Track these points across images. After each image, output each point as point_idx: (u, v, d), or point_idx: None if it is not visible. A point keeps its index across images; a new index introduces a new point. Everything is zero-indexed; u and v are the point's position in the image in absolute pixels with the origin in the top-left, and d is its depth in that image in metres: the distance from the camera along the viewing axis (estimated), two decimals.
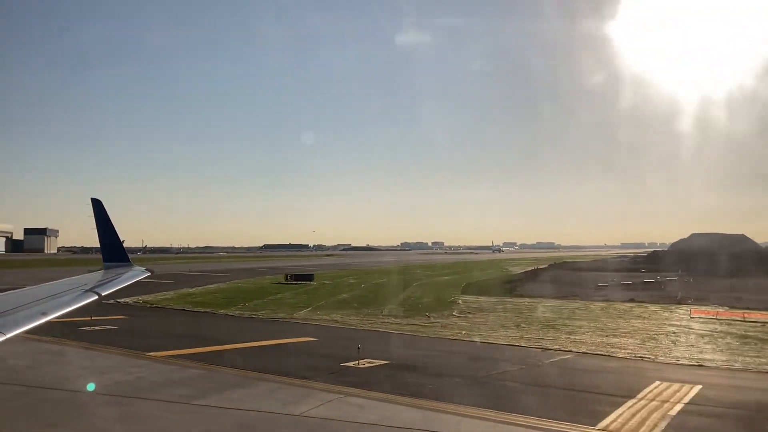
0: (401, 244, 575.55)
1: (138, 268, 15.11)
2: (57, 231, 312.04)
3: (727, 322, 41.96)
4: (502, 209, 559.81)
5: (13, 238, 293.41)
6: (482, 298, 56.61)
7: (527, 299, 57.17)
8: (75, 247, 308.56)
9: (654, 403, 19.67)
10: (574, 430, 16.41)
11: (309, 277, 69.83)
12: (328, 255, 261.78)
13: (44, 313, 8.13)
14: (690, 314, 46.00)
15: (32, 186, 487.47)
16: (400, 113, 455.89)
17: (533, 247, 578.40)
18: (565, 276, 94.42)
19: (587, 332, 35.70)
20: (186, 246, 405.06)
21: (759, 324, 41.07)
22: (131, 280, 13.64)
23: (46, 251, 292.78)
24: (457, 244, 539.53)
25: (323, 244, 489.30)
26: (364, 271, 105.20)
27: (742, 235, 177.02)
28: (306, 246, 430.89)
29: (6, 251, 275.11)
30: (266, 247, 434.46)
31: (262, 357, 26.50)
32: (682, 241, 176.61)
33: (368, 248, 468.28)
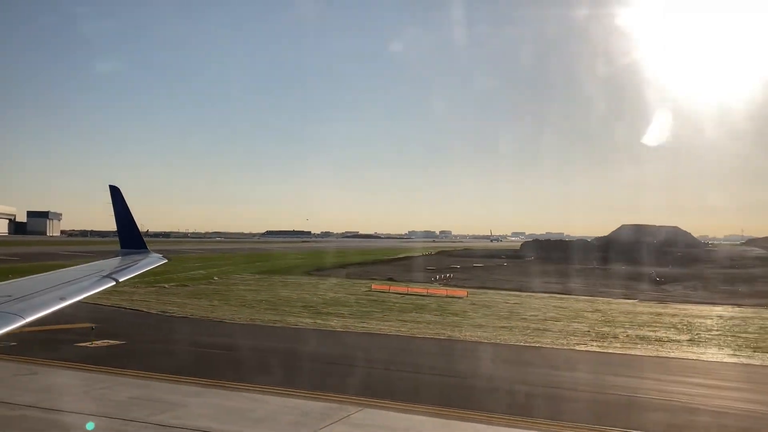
0: (408, 232, 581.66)
1: (155, 255, 14.89)
2: (60, 214, 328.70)
3: (376, 293, 50.89)
4: (514, 200, 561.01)
5: (17, 220, 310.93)
6: (258, 277, 65.97)
7: (308, 278, 66.26)
8: (75, 230, 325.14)
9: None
10: None
11: None
12: (303, 241, 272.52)
13: (63, 298, 8.38)
14: (371, 288, 54.92)
15: (38, 169, 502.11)
16: (419, 103, 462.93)
17: (540, 237, 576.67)
18: (421, 262, 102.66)
19: (223, 300, 44.70)
20: (193, 231, 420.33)
21: (399, 296, 49.79)
22: (148, 267, 13.54)
23: (48, 234, 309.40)
24: (464, 234, 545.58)
25: (330, 231, 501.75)
26: (241, 255, 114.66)
27: (674, 227, 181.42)
28: (308, 233, 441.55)
29: (9, 233, 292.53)
30: (268, 233, 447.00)
31: None
32: (614, 231, 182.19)
33: (373, 236, 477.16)
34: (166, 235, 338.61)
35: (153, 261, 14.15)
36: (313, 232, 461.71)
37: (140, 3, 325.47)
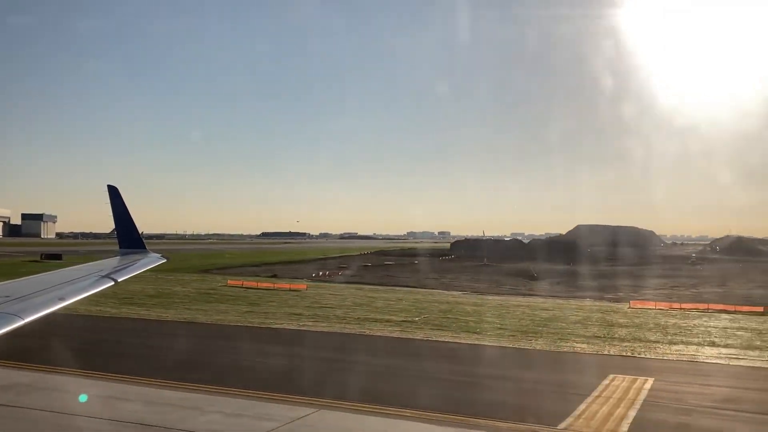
0: (407, 233, 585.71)
1: (154, 255, 14.91)
2: (55, 216, 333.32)
3: (223, 287, 55.60)
4: (517, 199, 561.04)
5: (11, 222, 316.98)
6: (152, 274, 70.76)
7: (195, 276, 70.99)
8: (70, 233, 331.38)
9: None
10: None
11: (58, 257, 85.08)
12: (286, 242, 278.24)
13: (62, 299, 8.46)
14: (227, 283, 59.61)
15: (33, 171, 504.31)
16: (420, 103, 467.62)
17: (539, 237, 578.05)
18: (341, 261, 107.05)
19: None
20: (192, 233, 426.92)
21: (241, 290, 54.45)
22: (146, 267, 13.58)
23: (43, 236, 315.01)
24: (462, 234, 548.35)
25: (329, 232, 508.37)
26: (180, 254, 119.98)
27: (633, 227, 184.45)
28: (304, 234, 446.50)
29: (3, 235, 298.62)
30: (264, 234, 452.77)
31: None
32: (570, 231, 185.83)
33: (371, 237, 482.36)
34: (160, 237, 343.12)
35: (152, 260, 14.29)
36: (311, 233, 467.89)
37: (138, 2, 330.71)
